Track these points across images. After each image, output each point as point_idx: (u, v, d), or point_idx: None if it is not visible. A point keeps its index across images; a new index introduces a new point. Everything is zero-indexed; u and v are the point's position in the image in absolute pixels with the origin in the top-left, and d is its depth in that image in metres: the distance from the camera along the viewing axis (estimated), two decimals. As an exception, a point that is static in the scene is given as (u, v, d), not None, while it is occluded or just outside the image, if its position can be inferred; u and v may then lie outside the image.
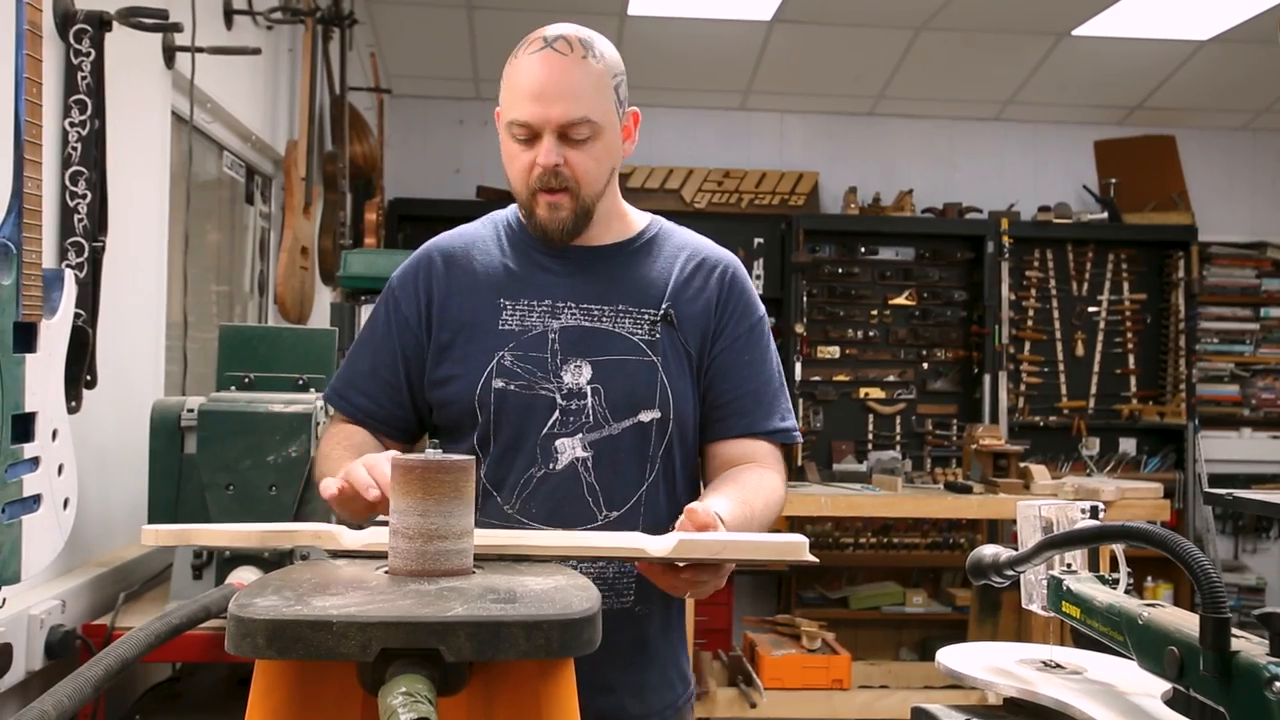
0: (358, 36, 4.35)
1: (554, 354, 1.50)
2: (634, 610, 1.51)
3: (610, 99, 1.49)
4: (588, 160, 1.47)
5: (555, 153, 1.45)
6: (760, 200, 5.83)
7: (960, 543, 5.53)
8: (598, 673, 1.43)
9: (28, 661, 1.78)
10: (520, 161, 1.48)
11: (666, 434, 1.51)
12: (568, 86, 1.44)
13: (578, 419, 1.49)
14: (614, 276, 1.55)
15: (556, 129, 1.44)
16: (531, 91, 1.44)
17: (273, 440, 2.00)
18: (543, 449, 1.49)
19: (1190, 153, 6.03)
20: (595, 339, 1.51)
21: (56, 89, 2.01)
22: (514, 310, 1.52)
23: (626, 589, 1.50)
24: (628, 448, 1.50)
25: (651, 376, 1.50)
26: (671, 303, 1.54)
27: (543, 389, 1.49)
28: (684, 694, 1.61)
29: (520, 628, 0.94)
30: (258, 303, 3.86)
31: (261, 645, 0.92)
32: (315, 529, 1.23)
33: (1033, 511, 1.36)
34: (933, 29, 5.02)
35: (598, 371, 1.50)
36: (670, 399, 1.51)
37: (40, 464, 1.52)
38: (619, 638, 1.46)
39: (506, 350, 1.50)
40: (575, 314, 1.52)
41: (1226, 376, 6.02)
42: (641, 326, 1.52)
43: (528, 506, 1.49)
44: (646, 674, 1.54)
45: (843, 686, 3.98)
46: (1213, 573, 0.96)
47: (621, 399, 1.50)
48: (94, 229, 2.06)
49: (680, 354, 1.53)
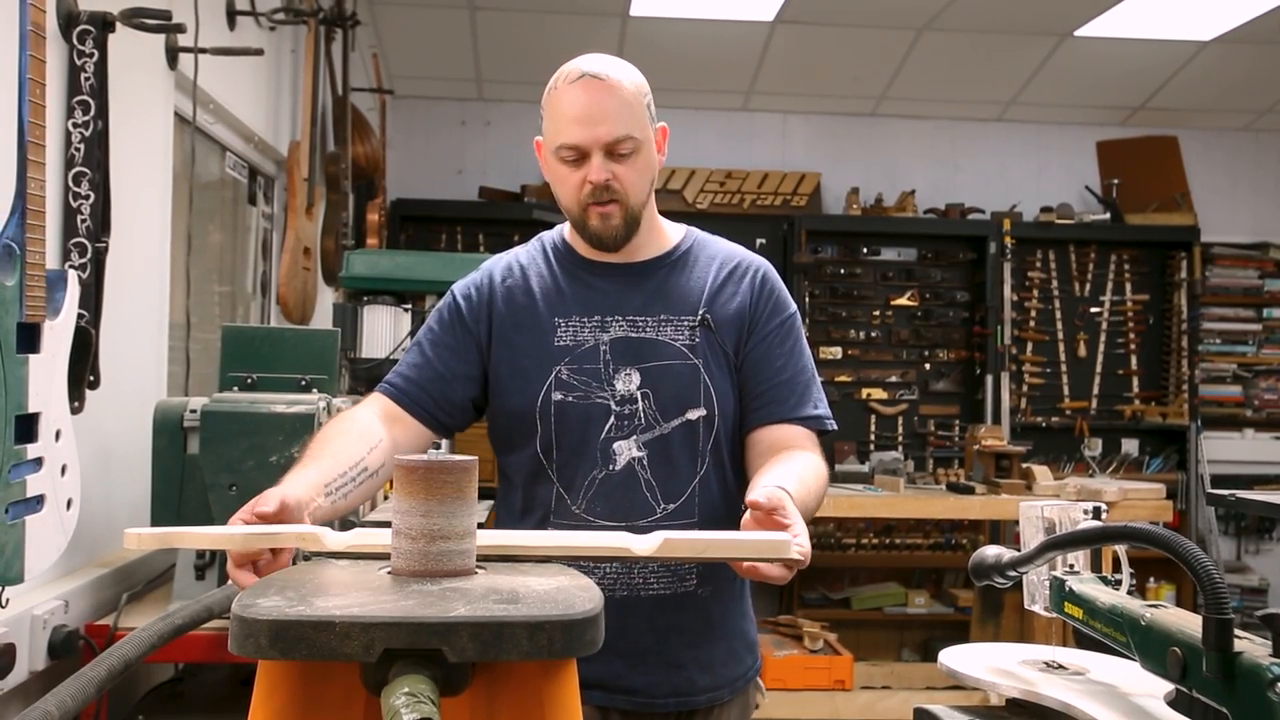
0: (360, 37, 4.36)
1: (606, 364, 1.63)
2: (697, 592, 1.62)
3: (645, 116, 1.62)
4: (632, 173, 1.60)
5: (604, 169, 1.57)
6: (762, 201, 5.83)
7: (962, 543, 5.53)
8: (669, 650, 1.60)
9: (31, 662, 1.78)
10: (571, 181, 1.60)
11: (713, 429, 1.63)
12: (610, 108, 1.56)
13: (631, 422, 1.62)
14: (655, 288, 1.68)
15: (604, 147, 1.57)
16: (577, 116, 1.56)
17: (275, 441, 2.00)
18: (602, 452, 1.61)
19: (1193, 153, 6.03)
20: (642, 347, 1.63)
21: (60, 90, 2.02)
22: (567, 327, 1.65)
23: (689, 573, 1.61)
24: (679, 444, 1.62)
25: (695, 378, 1.63)
26: (708, 308, 1.66)
27: (598, 397, 1.62)
28: (752, 666, 1.74)
29: (523, 628, 0.94)
30: (260, 303, 3.86)
31: (265, 646, 0.92)
32: (299, 530, 1.24)
33: (1035, 512, 1.37)
34: (935, 29, 5.02)
35: (646, 377, 1.62)
36: (714, 397, 1.63)
37: (43, 464, 1.53)
38: (684, 618, 1.62)
39: (563, 365, 1.63)
40: (623, 326, 1.65)
41: (1229, 377, 6.01)
42: (682, 333, 1.65)
43: (593, 506, 1.61)
44: (714, 650, 1.66)
45: (845, 687, 3.98)
46: (1215, 574, 0.96)
47: (670, 400, 1.62)
48: (97, 230, 2.06)
49: (719, 355, 1.65)
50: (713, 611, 1.65)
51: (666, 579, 1.60)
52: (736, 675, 1.69)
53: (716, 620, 1.65)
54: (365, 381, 2.98)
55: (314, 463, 1.43)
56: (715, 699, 1.66)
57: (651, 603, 1.59)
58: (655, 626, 1.60)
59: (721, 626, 1.66)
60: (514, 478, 1.68)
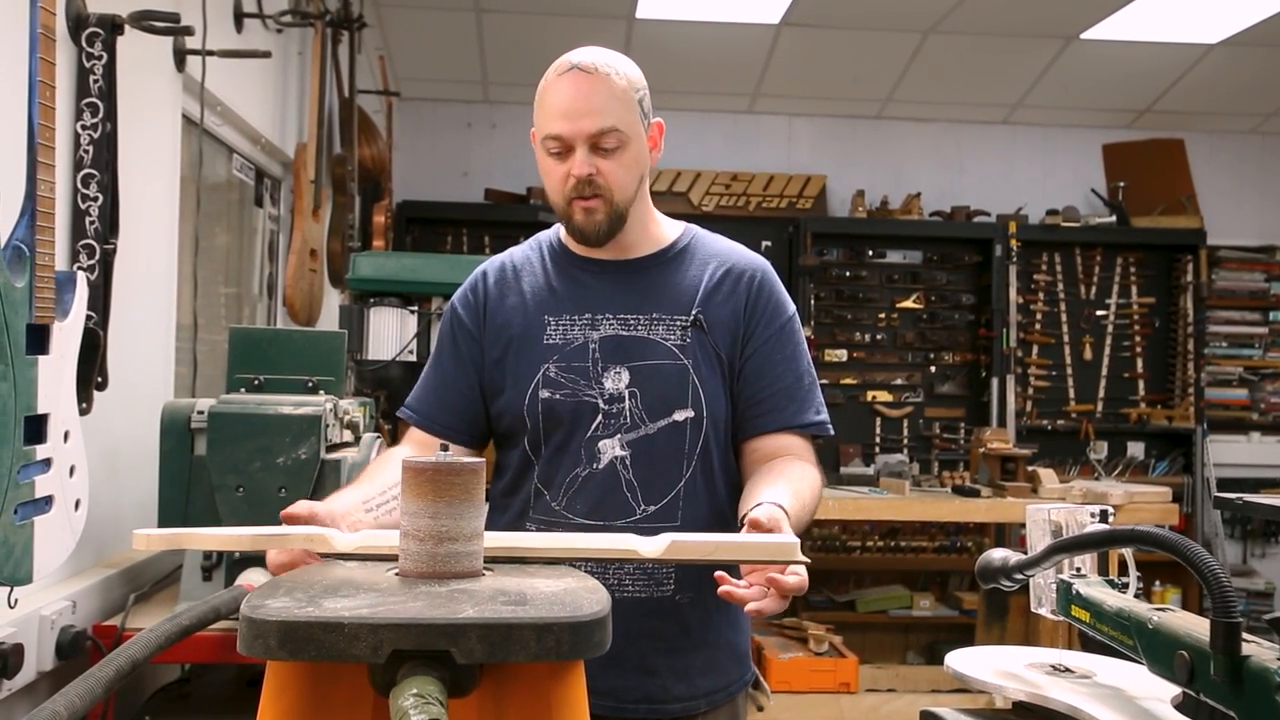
0: (367, 40, 4.37)
1: (595, 362, 1.61)
2: (675, 598, 1.60)
3: (635, 111, 1.59)
4: (618, 168, 1.58)
5: (588, 163, 1.56)
6: (768, 203, 5.83)
7: (967, 546, 5.52)
8: (641, 656, 1.57)
9: (39, 662, 1.78)
10: (556, 174, 1.59)
11: (701, 431, 1.61)
12: (595, 101, 1.55)
13: (618, 421, 1.60)
14: (648, 286, 1.66)
15: (587, 140, 1.56)
16: (562, 109, 1.56)
17: (282, 442, 2.01)
18: (587, 450, 1.61)
19: (1199, 156, 6.02)
20: (632, 346, 1.62)
21: (68, 92, 2.02)
22: (557, 325, 1.64)
23: (666, 578, 1.59)
24: (663, 446, 1.60)
25: (684, 378, 1.61)
26: (701, 308, 1.64)
27: (586, 395, 1.61)
28: (738, 679, 1.69)
29: (531, 630, 0.94)
30: (266, 305, 3.87)
31: (274, 646, 0.93)
32: (307, 532, 1.24)
33: (1042, 515, 1.37)
34: (941, 32, 5.02)
35: (635, 376, 1.61)
36: (703, 399, 1.61)
37: (52, 465, 1.53)
38: (660, 624, 1.59)
39: (551, 363, 1.62)
40: (613, 324, 1.63)
41: (1235, 380, 6.00)
42: (674, 332, 1.63)
43: (573, 503, 1.60)
44: (691, 658, 1.62)
45: (850, 690, 3.98)
46: (1223, 577, 0.96)
47: (656, 401, 1.60)
48: (105, 231, 2.06)
49: (711, 356, 1.63)
50: (691, 619, 1.61)
51: (643, 582, 1.57)
52: (717, 687, 1.64)
53: (695, 628, 1.61)
54: (371, 383, 2.98)
55: (356, 485, 1.51)
56: (691, 709, 1.61)
57: (626, 605, 1.54)
58: (629, 630, 1.53)
59: (701, 635, 1.62)
60: (505, 472, 1.69)
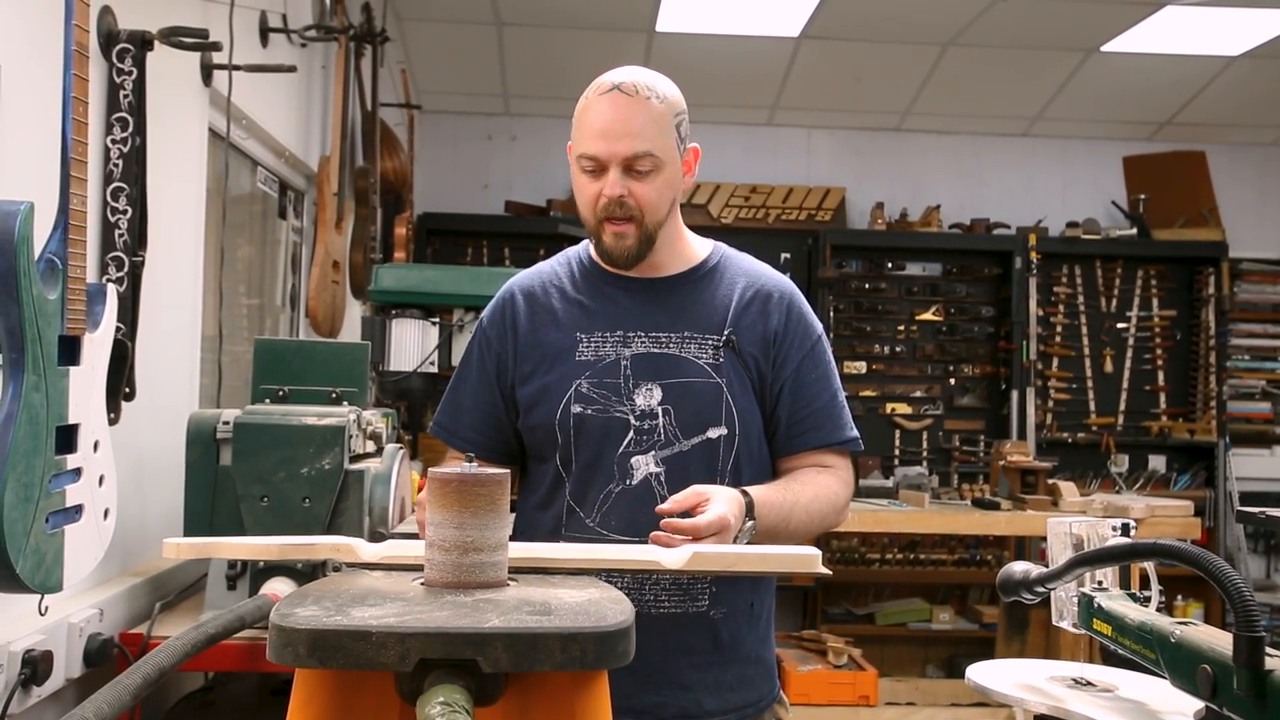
0: (389, 53, 4.40)
1: (626, 379, 1.63)
2: (709, 614, 1.62)
3: (671, 136, 1.62)
4: (650, 191, 1.60)
5: (620, 184, 1.58)
6: (787, 215, 5.84)
7: (987, 559, 5.50)
8: (676, 672, 1.59)
9: (67, 669, 1.80)
10: (589, 192, 1.62)
11: (734, 449, 1.63)
12: (633, 125, 1.57)
13: (650, 438, 1.62)
14: (679, 305, 1.68)
15: (621, 162, 1.58)
16: (599, 129, 1.58)
17: (306, 453, 2.02)
18: (619, 466, 1.63)
19: (1220, 168, 5.99)
20: (664, 363, 1.64)
21: (99, 107, 2.05)
22: (589, 342, 1.67)
23: (701, 593, 1.61)
24: (697, 462, 1.62)
25: (717, 396, 1.63)
26: (733, 328, 1.67)
27: (617, 412, 1.63)
28: (768, 694, 1.71)
29: (556, 639, 0.95)
30: (289, 316, 3.90)
31: (302, 654, 0.94)
32: (334, 542, 1.26)
33: (1064, 528, 1.37)
34: (960, 45, 5.02)
35: (667, 393, 1.63)
36: (735, 417, 1.63)
37: (82, 475, 1.55)
38: (694, 638, 1.61)
39: (583, 379, 1.64)
40: (645, 341, 1.65)
41: (1258, 394, 5.96)
42: (706, 351, 1.65)
43: (608, 520, 1.62)
44: (723, 673, 1.64)
45: (869, 703, 3.97)
46: (1246, 591, 0.97)
47: (690, 418, 1.62)
48: (134, 244, 2.09)
49: (742, 375, 1.65)
50: (724, 634, 1.63)
51: (678, 597, 1.60)
52: (747, 702, 1.67)
53: (728, 643, 1.64)
54: (393, 394, 3.00)
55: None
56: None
57: (662, 621, 1.58)
58: (664, 646, 1.59)
59: (733, 650, 1.65)
60: (537, 486, 1.70)
